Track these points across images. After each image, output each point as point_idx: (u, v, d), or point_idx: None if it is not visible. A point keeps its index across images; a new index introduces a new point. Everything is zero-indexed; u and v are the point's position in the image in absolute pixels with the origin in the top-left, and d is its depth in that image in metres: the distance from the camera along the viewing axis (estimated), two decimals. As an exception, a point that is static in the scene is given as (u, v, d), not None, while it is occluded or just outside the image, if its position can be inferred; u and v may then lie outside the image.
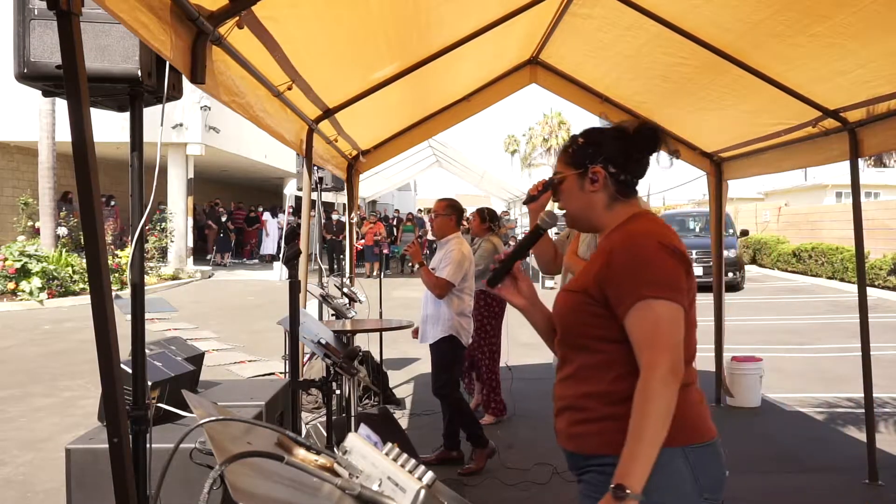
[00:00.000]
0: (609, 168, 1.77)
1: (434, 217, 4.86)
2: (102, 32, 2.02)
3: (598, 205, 1.79)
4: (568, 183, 1.82)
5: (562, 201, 1.86)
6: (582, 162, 1.79)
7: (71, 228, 16.21)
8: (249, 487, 0.98)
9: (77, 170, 1.67)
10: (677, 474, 1.62)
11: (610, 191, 1.78)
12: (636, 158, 1.79)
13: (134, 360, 2.16)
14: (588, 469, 1.72)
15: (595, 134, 1.83)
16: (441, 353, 4.58)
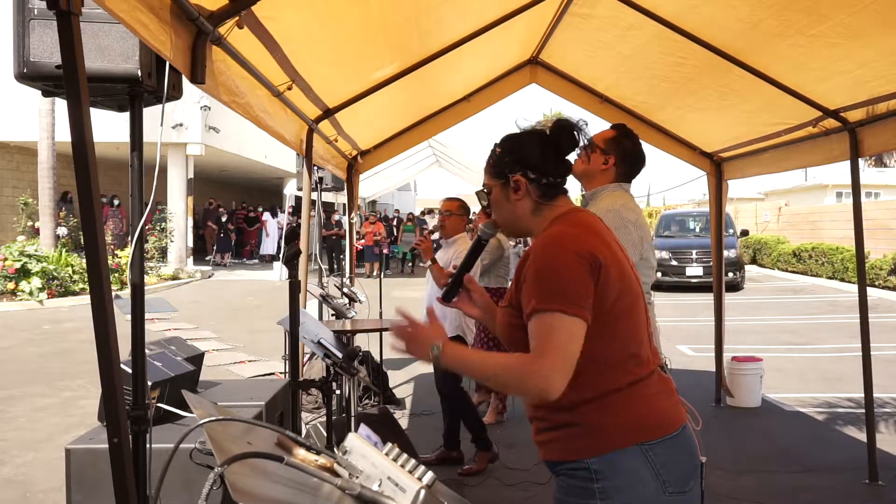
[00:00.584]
0: (528, 174, 1.75)
1: (448, 216, 4.81)
2: (102, 32, 2.02)
3: (525, 212, 1.78)
4: (495, 194, 1.81)
5: (494, 212, 1.85)
6: (503, 172, 1.78)
7: (71, 228, 16.21)
8: (249, 488, 0.98)
9: (77, 170, 1.67)
10: (635, 474, 1.61)
11: (533, 196, 1.76)
12: (555, 159, 1.77)
13: (134, 360, 2.16)
14: (558, 473, 1.73)
15: (512, 141, 1.81)
16: None
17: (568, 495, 1.67)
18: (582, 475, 1.64)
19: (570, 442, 1.67)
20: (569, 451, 1.67)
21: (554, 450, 1.73)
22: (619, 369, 1.66)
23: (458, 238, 4.76)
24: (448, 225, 4.81)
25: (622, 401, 1.65)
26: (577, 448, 1.65)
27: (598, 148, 2.88)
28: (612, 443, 1.62)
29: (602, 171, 2.90)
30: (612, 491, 1.60)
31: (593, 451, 1.63)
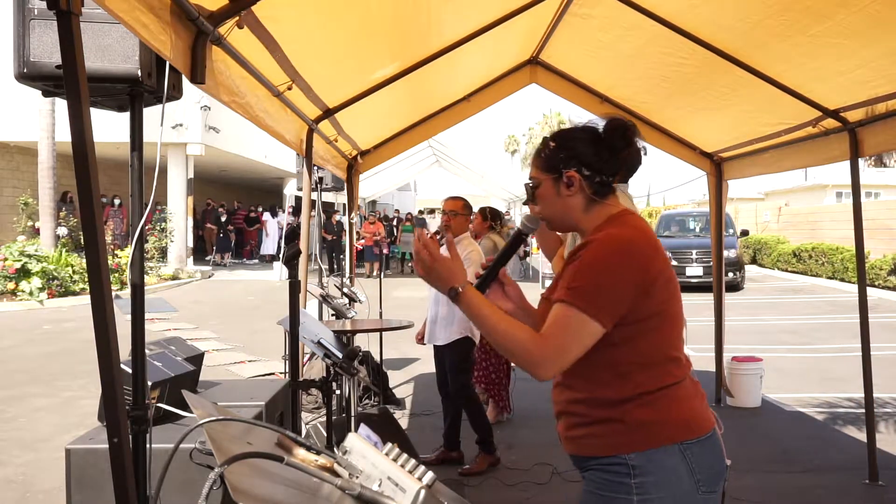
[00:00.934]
0: (583, 171, 1.75)
1: (454, 216, 4.75)
2: (102, 32, 2.02)
3: (576, 208, 1.79)
4: (544, 188, 1.81)
5: (539, 206, 1.85)
6: (556, 167, 1.78)
7: (71, 228, 16.21)
8: (249, 488, 0.98)
9: (77, 170, 1.67)
10: (674, 473, 1.65)
11: (586, 193, 1.77)
12: (609, 158, 1.77)
13: (134, 360, 2.16)
14: (589, 468, 1.75)
15: (567, 137, 1.81)
16: (457, 355, 4.57)
17: (601, 489, 1.70)
18: (618, 470, 1.66)
19: (609, 438, 1.69)
20: (607, 446, 1.69)
21: (588, 445, 1.74)
22: (661, 370, 1.70)
23: (463, 238, 4.73)
24: (455, 225, 4.76)
25: (663, 400, 1.68)
26: (616, 444, 1.67)
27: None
28: (653, 440, 1.66)
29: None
30: (650, 486, 1.64)
31: (633, 447, 1.66)
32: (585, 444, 1.75)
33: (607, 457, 1.69)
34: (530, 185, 1.85)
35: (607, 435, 1.69)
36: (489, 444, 4.61)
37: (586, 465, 1.76)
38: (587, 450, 1.74)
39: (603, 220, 1.76)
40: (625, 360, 1.67)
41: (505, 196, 26.01)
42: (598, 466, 1.72)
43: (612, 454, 1.68)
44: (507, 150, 59.69)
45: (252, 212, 24.99)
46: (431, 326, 4.67)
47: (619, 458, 1.66)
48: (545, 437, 5.35)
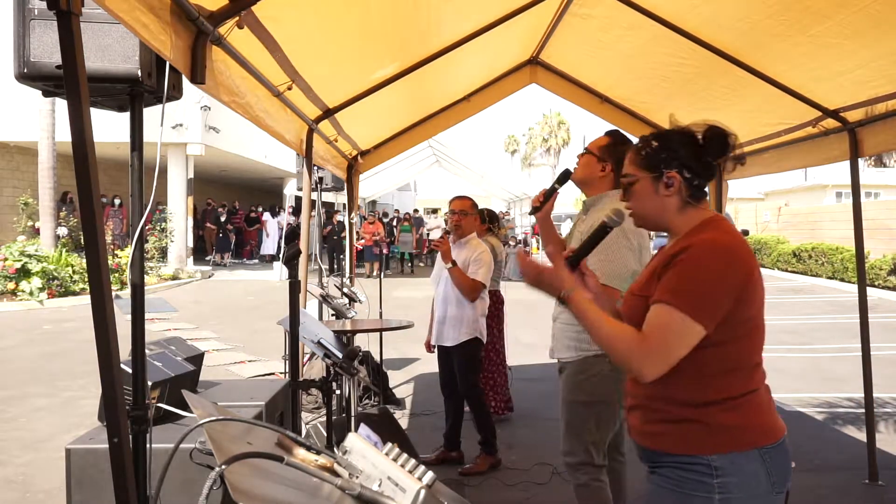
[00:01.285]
0: (684, 173, 1.80)
1: (463, 215, 4.68)
2: (102, 32, 2.02)
3: (671, 209, 1.83)
4: (641, 185, 1.85)
5: (632, 202, 1.88)
6: (657, 166, 1.82)
7: (71, 228, 16.21)
8: (249, 488, 0.98)
9: (77, 170, 1.67)
10: (755, 476, 1.71)
11: (683, 195, 1.81)
12: (708, 163, 1.82)
13: (134, 360, 2.16)
14: (664, 464, 1.79)
15: (669, 138, 1.85)
16: (467, 355, 4.55)
17: (680, 486, 1.74)
18: (699, 469, 1.71)
19: (691, 437, 1.73)
20: (687, 445, 1.73)
21: (666, 441, 1.77)
22: (746, 376, 1.75)
23: (471, 239, 4.67)
24: (464, 224, 4.68)
25: (746, 406, 1.74)
26: (699, 444, 1.72)
27: (594, 155, 2.96)
28: (737, 443, 1.71)
29: (600, 177, 2.99)
30: (732, 487, 1.69)
31: (716, 449, 1.70)
32: (663, 440, 1.78)
33: (687, 455, 1.73)
34: (625, 182, 1.88)
35: (688, 434, 1.73)
36: (491, 445, 4.61)
37: (660, 460, 1.79)
38: (664, 446, 1.77)
39: (696, 223, 1.80)
40: (713, 364, 1.71)
41: (505, 196, 26.03)
42: (675, 464, 1.75)
43: (693, 453, 1.72)
44: (507, 150, 59.72)
45: (252, 212, 25.00)
46: (439, 327, 4.63)
47: (700, 458, 1.71)
48: (545, 437, 5.35)
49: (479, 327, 4.54)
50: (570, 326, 2.96)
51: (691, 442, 1.73)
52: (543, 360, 8.37)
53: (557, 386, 3.05)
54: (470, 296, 4.47)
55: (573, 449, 2.93)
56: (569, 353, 2.96)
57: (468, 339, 4.51)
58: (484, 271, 4.49)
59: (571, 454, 2.94)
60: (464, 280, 4.46)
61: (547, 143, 55.23)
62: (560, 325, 3.03)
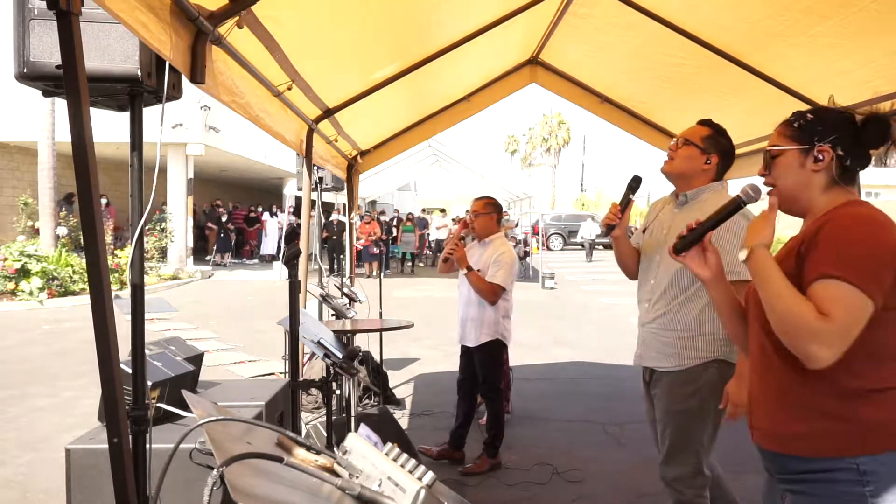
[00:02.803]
0: (837, 150, 1.68)
1: (475, 216, 4.61)
2: (102, 32, 2.02)
3: (817, 186, 1.70)
4: (787, 158, 1.72)
5: (774, 176, 1.75)
6: (809, 139, 1.70)
7: (71, 228, 16.21)
8: (249, 488, 0.98)
9: (77, 170, 1.67)
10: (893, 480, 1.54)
11: (832, 173, 1.68)
12: (864, 148, 1.71)
13: (134, 360, 2.16)
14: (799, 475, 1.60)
15: (826, 113, 1.75)
16: (489, 357, 4.52)
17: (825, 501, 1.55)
18: (845, 476, 1.53)
19: (835, 438, 1.56)
20: (829, 447, 1.55)
21: (802, 445, 1.59)
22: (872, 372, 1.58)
23: (495, 238, 4.58)
24: (478, 225, 4.60)
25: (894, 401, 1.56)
26: (843, 445, 1.54)
27: (697, 147, 2.73)
28: (887, 442, 1.54)
29: (703, 170, 2.75)
30: (884, 492, 1.51)
31: (864, 450, 1.53)
32: (799, 443, 1.60)
33: (830, 459, 1.55)
34: (771, 153, 1.76)
35: (831, 435, 1.56)
36: (495, 448, 4.61)
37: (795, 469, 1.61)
38: (800, 450, 1.60)
39: (840, 203, 1.67)
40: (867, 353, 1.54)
41: (505, 196, 26.02)
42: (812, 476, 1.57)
43: (836, 456, 1.54)
44: (507, 150, 59.71)
45: (252, 212, 25.00)
46: (462, 327, 4.62)
47: (844, 462, 1.54)
48: (545, 437, 5.35)
49: (500, 329, 4.49)
50: (669, 332, 2.72)
51: (834, 443, 1.54)
52: (543, 359, 8.38)
53: (555, 387, 3.05)
54: (489, 299, 4.40)
55: (682, 461, 2.70)
56: (670, 362, 2.71)
57: (489, 341, 4.47)
58: (503, 273, 4.40)
59: (679, 465, 2.71)
60: (481, 284, 4.41)
61: (547, 143, 55.22)
62: (654, 331, 2.78)
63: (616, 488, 4.29)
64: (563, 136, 54.76)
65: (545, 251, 22.15)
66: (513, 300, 4.61)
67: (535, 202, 20.60)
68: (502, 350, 4.61)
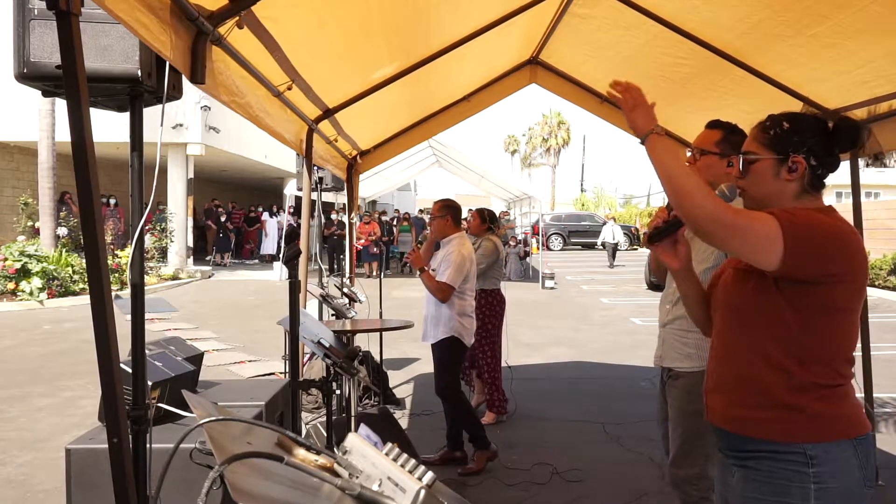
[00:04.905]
0: (810, 160, 1.75)
1: (431, 219, 4.83)
2: (102, 32, 2.02)
3: (789, 195, 1.77)
4: (762, 165, 1.78)
5: (748, 182, 1.82)
6: (784, 148, 1.76)
7: (71, 228, 16.21)
8: (249, 487, 0.98)
9: (77, 170, 1.67)
10: (846, 464, 1.69)
11: (803, 182, 1.76)
12: (835, 154, 1.77)
13: (134, 360, 2.16)
14: (753, 454, 1.75)
15: (800, 121, 1.79)
16: (443, 354, 4.57)
17: (773, 478, 1.71)
18: (794, 458, 1.68)
19: (788, 425, 1.70)
20: (784, 433, 1.70)
21: (761, 428, 1.73)
22: (842, 366, 1.72)
23: (453, 239, 4.70)
24: (433, 227, 4.80)
25: (840, 396, 1.72)
26: (794, 432, 1.69)
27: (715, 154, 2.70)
28: (832, 433, 1.69)
29: (727, 174, 2.64)
30: (826, 476, 1.67)
31: (811, 438, 1.68)
32: (758, 427, 1.74)
33: (783, 444, 1.70)
34: (747, 159, 1.81)
35: (785, 422, 1.70)
36: (481, 439, 4.61)
37: (750, 448, 1.75)
38: (759, 433, 1.73)
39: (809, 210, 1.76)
40: (810, 350, 1.68)
41: (504, 196, 26.01)
42: (767, 454, 1.72)
43: (789, 442, 1.69)
44: (507, 150, 59.69)
45: (252, 212, 24.99)
46: (424, 325, 4.69)
47: (795, 447, 1.68)
48: (545, 437, 5.36)
49: (456, 327, 4.53)
50: (689, 333, 2.72)
51: (789, 430, 1.69)
52: (543, 359, 8.38)
53: (555, 387, 3.04)
54: (438, 297, 4.51)
55: (691, 461, 2.73)
56: (689, 363, 2.72)
57: (445, 338, 4.53)
58: (451, 272, 4.50)
59: (688, 466, 2.74)
60: (430, 283, 4.54)
61: (547, 143, 55.19)
62: (674, 332, 2.80)
63: (616, 488, 4.29)
64: (563, 137, 54.73)
65: (545, 251, 22.14)
66: (471, 300, 4.68)
67: (534, 202, 20.60)
68: (460, 349, 4.61)
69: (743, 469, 1.78)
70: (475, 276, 4.83)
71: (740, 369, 1.77)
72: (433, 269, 4.66)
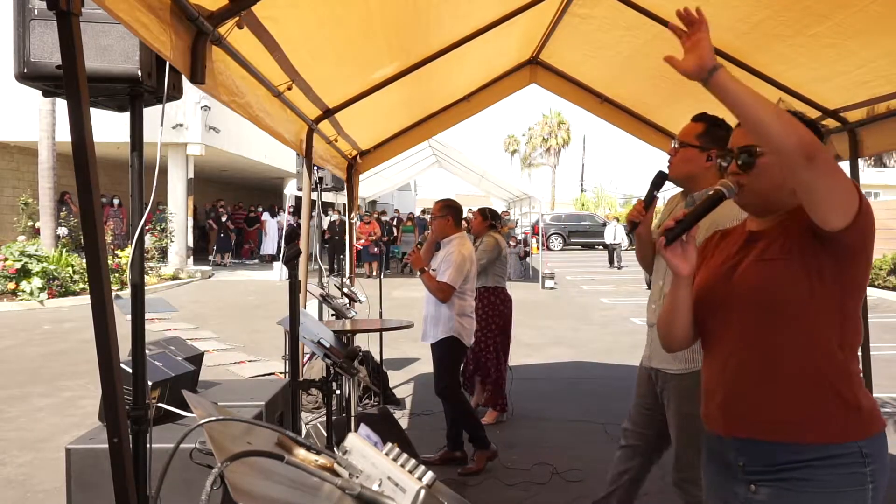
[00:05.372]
0: None
1: (432, 220, 4.84)
2: (102, 32, 2.02)
3: (789, 187, 1.71)
4: (769, 159, 1.73)
5: (752, 177, 1.74)
6: None
7: (71, 228, 16.22)
8: (249, 487, 0.98)
9: (77, 170, 1.67)
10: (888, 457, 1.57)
11: None
12: None
13: (134, 360, 2.16)
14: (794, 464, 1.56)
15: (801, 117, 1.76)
16: (442, 354, 4.57)
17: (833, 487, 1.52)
18: (851, 459, 1.52)
19: (842, 422, 1.54)
20: (838, 432, 1.53)
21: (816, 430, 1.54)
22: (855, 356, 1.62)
23: (454, 239, 4.70)
24: (434, 228, 4.81)
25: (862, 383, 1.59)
26: (848, 429, 1.54)
27: (695, 146, 2.65)
28: (876, 424, 1.56)
29: (707, 168, 2.63)
30: (878, 474, 1.54)
31: (864, 433, 1.54)
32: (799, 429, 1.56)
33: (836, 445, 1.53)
34: (753, 153, 1.74)
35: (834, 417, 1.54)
36: (481, 438, 4.61)
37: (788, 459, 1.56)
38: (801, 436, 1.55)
39: None
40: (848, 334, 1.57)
41: (504, 196, 26.02)
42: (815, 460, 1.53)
43: (842, 442, 1.52)
44: (506, 150, 59.69)
45: (252, 212, 24.99)
46: (424, 324, 4.69)
47: (849, 447, 1.52)
48: (545, 437, 5.36)
49: (456, 327, 4.53)
50: None
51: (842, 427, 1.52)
52: (543, 359, 8.38)
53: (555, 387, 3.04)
54: (438, 297, 4.51)
55: (691, 464, 2.62)
56: (678, 365, 2.67)
57: (444, 338, 4.53)
58: (451, 272, 4.51)
59: (689, 468, 2.64)
60: (431, 283, 4.54)
61: (547, 143, 55.18)
62: None
63: (616, 488, 4.29)
64: (563, 137, 54.72)
65: (545, 251, 22.14)
66: (471, 300, 4.69)
67: (534, 202, 20.61)
68: (460, 349, 4.62)
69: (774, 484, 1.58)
70: (475, 277, 4.83)
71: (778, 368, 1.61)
72: (433, 269, 4.67)
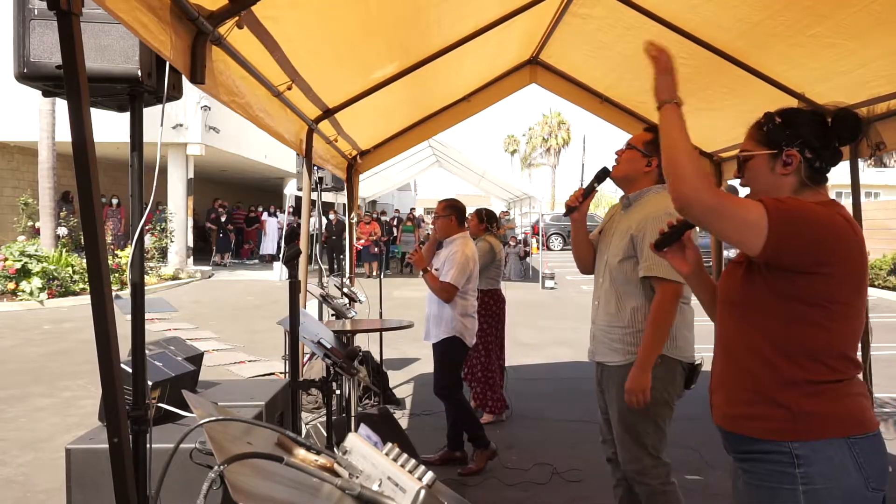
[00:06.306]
0: (805, 153, 1.73)
1: (435, 219, 4.84)
2: (102, 32, 2.02)
3: (786, 189, 1.75)
4: (757, 162, 1.78)
5: (746, 179, 1.82)
6: (777, 143, 1.75)
7: (71, 228, 16.21)
8: (249, 487, 0.98)
9: (77, 170, 1.67)
10: (840, 464, 1.62)
11: (801, 176, 1.74)
12: (833, 146, 1.75)
13: (134, 360, 2.16)
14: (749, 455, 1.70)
15: (794, 115, 1.79)
16: (443, 354, 4.57)
17: (764, 480, 1.66)
18: (780, 458, 1.64)
19: (774, 423, 1.65)
20: (770, 431, 1.66)
21: (752, 426, 1.69)
22: (837, 362, 1.66)
23: (456, 238, 4.71)
24: (438, 228, 4.81)
25: (835, 393, 1.65)
26: (780, 430, 1.64)
27: (638, 150, 2.90)
28: (822, 431, 1.62)
29: (645, 173, 2.91)
30: (815, 476, 1.61)
31: (798, 436, 1.63)
32: (750, 425, 1.70)
33: (771, 442, 1.65)
34: (742, 157, 1.81)
35: (772, 420, 1.65)
36: (481, 438, 4.61)
37: (746, 449, 1.71)
38: (751, 430, 1.69)
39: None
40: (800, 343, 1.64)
41: (504, 196, 26.02)
42: (759, 454, 1.68)
43: (777, 440, 1.64)
44: (506, 150, 59.74)
45: (252, 212, 24.99)
46: (426, 324, 4.69)
47: (780, 446, 1.64)
48: (545, 437, 5.35)
49: (458, 327, 4.53)
50: (614, 329, 2.86)
51: (774, 427, 1.65)
52: (543, 359, 8.38)
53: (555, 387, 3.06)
54: (441, 297, 4.51)
55: (636, 455, 2.81)
56: (615, 357, 2.85)
57: (446, 338, 4.53)
58: (454, 272, 4.50)
59: (636, 461, 2.81)
60: (434, 283, 4.54)
61: (547, 143, 55.20)
62: (602, 328, 2.92)
63: (616, 488, 4.29)
64: (563, 137, 54.73)
65: (545, 251, 22.15)
66: (473, 300, 4.69)
67: (534, 202, 20.61)
68: (461, 349, 4.61)
69: (743, 472, 1.74)
70: (478, 277, 4.83)
71: (735, 364, 1.74)
72: (436, 268, 4.66)
